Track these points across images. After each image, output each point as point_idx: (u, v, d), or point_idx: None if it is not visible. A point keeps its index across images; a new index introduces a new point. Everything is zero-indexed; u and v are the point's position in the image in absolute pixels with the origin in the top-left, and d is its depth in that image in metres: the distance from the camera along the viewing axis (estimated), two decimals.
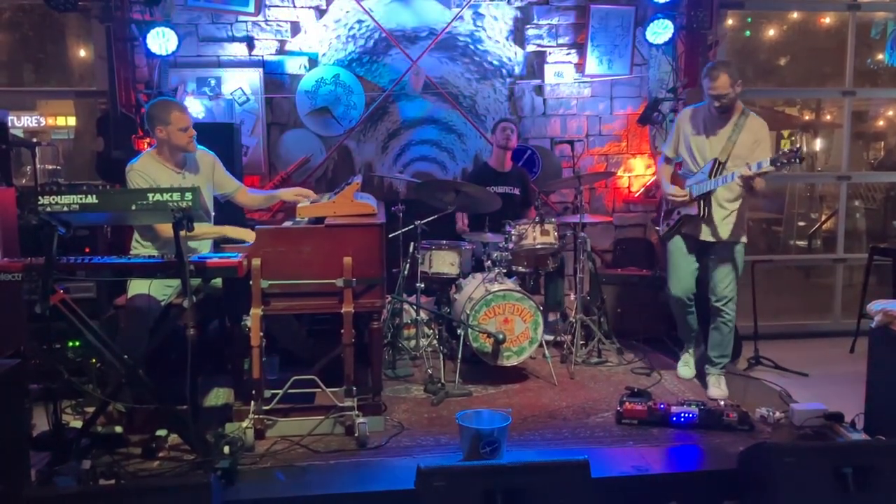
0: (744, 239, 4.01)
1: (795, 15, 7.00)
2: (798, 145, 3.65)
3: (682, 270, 4.11)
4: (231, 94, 5.28)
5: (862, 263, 5.51)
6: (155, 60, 5.07)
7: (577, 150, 5.51)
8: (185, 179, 3.64)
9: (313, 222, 3.57)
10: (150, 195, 2.85)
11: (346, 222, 3.44)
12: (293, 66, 5.36)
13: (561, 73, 5.59)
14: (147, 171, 3.55)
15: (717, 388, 4.03)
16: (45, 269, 2.89)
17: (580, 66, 5.58)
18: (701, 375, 4.21)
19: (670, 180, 4.15)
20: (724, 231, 3.95)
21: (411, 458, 3.20)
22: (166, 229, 3.43)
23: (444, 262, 4.50)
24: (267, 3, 5.26)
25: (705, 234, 3.99)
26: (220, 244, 3.65)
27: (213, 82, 5.27)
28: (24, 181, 5.55)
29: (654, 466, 3.16)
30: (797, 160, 3.57)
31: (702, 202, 3.94)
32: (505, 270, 4.43)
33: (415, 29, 5.40)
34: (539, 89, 5.61)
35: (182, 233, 2.87)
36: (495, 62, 5.53)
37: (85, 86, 5.64)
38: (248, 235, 3.53)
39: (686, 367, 4.37)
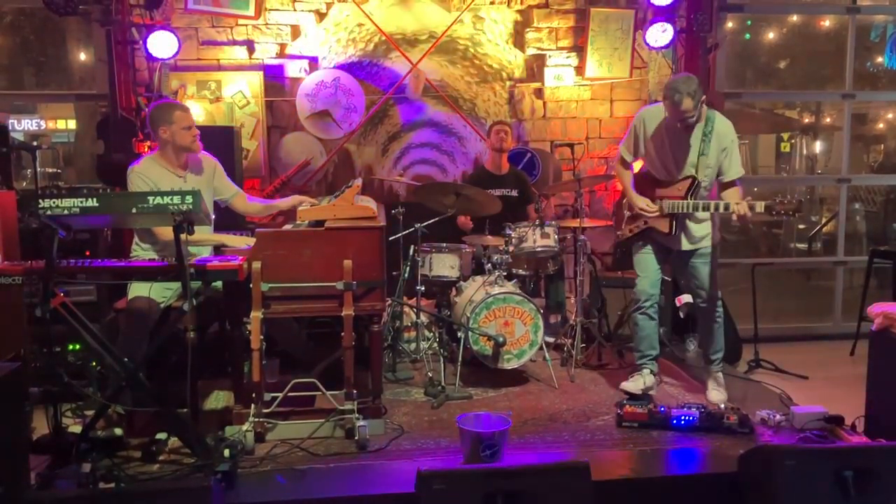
0: (716, 240, 3.86)
1: (795, 18, 7.02)
2: (799, 198, 3.52)
3: (650, 267, 3.93)
4: (231, 97, 5.29)
5: (862, 266, 5.51)
6: (155, 64, 5.07)
7: (577, 153, 5.52)
8: (185, 183, 3.65)
9: (313, 225, 3.57)
10: (150, 198, 2.85)
11: (347, 225, 3.44)
12: (293, 69, 5.37)
13: (561, 76, 5.60)
14: (148, 173, 3.57)
15: (717, 392, 3.97)
16: (46, 272, 2.89)
17: (580, 69, 5.59)
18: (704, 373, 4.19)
19: (633, 184, 3.94)
20: (699, 240, 3.81)
21: (411, 461, 3.19)
22: (166, 232, 3.44)
23: (444, 264, 4.50)
24: (267, 6, 5.27)
25: (677, 244, 3.84)
26: (219, 248, 3.66)
27: (213, 86, 5.27)
28: (24, 184, 5.56)
29: (654, 469, 3.16)
30: (794, 215, 3.50)
31: (674, 221, 3.77)
32: (505, 273, 4.43)
33: (415, 32, 5.41)
34: (539, 92, 5.62)
35: (182, 236, 2.88)
36: (495, 65, 5.54)
37: (85, 89, 5.65)
38: (249, 244, 3.52)
39: (633, 382, 3.96)
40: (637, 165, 4.06)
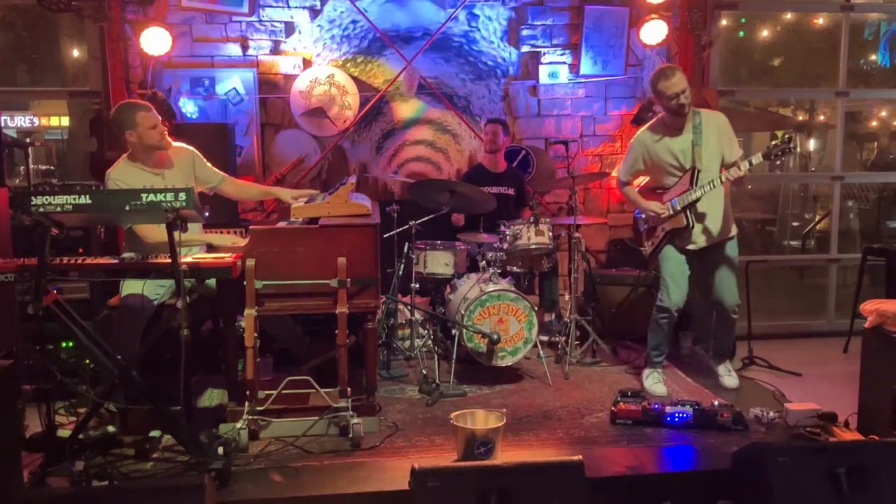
0: (735, 231, 4.04)
1: (789, 16, 7.03)
2: (789, 135, 3.67)
3: (679, 277, 4.01)
4: (225, 94, 5.27)
5: (855, 263, 5.53)
6: (149, 60, 5.06)
7: (572, 151, 5.51)
8: (164, 180, 3.60)
9: (307, 222, 3.57)
10: (143, 195, 2.83)
11: (341, 223, 3.44)
12: (287, 66, 5.35)
13: (555, 73, 5.59)
14: (125, 177, 3.51)
15: (731, 377, 4.13)
16: (38, 269, 2.87)
17: (574, 67, 5.59)
18: (698, 370, 4.21)
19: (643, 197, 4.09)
20: (716, 230, 3.95)
21: (406, 458, 3.19)
22: (152, 235, 3.41)
23: (438, 262, 4.50)
24: (261, 3, 5.25)
25: (698, 242, 3.96)
26: (211, 248, 3.64)
27: (206, 82, 5.25)
28: (17, 181, 5.54)
29: (648, 466, 3.17)
30: (790, 150, 3.64)
31: (687, 212, 3.91)
32: (499, 271, 4.43)
33: (409, 29, 5.40)
34: (533, 90, 5.61)
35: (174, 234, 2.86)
36: (489, 62, 5.53)
37: (78, 86, 5.62)
38: (236, 242, 3.50)
39: (660, 384, 4.10)
40: (638, 182, 4.26)
